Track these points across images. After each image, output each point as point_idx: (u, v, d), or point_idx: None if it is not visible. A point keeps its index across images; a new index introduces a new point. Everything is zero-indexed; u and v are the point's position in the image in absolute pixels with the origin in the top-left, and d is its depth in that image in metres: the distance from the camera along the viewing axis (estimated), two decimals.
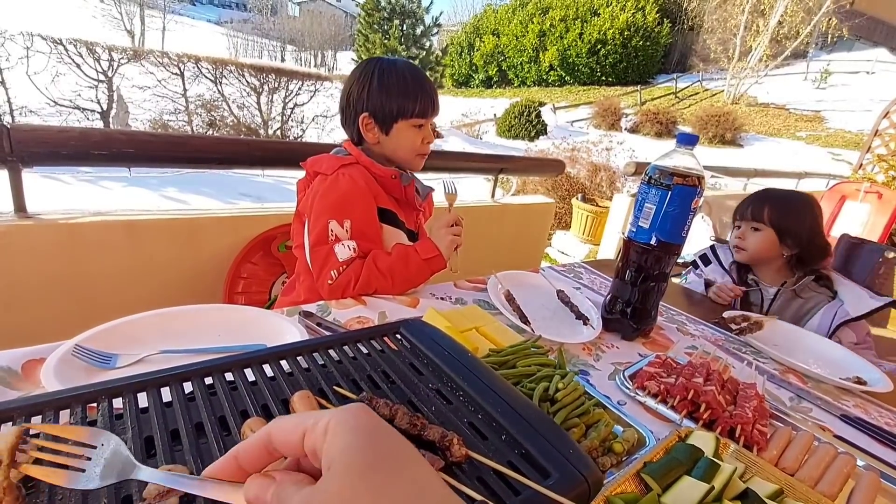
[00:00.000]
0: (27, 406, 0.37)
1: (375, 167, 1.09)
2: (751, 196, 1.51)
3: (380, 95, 1.06)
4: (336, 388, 0.46)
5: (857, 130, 16.27)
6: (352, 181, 1.05)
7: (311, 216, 1.05)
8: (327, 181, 1.05)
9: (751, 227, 1.45)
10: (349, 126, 1.13)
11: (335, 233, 1.02)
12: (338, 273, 1.00)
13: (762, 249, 1.44)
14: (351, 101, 1.09)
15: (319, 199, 1.05)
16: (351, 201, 1.04)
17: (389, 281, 1.00)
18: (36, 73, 7.41)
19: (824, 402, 0.84)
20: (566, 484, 0.38)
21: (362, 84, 1.07)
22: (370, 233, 1.06)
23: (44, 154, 1.46)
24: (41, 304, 1.49)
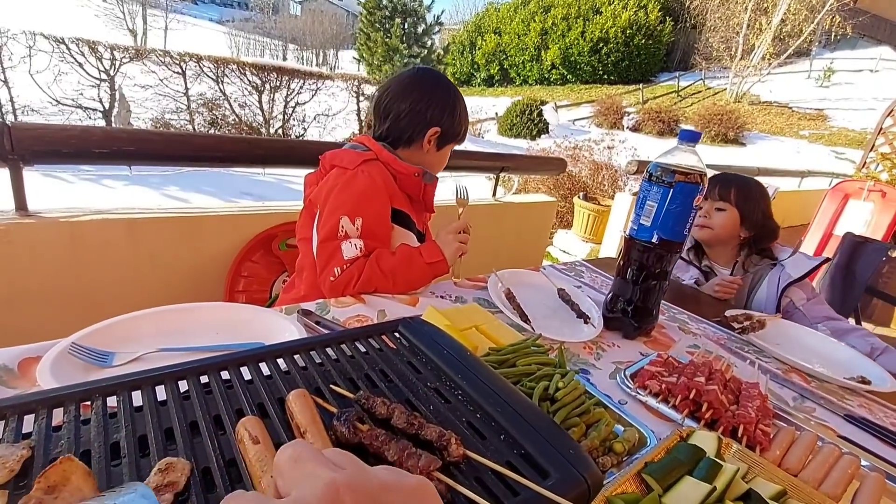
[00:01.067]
0: (20, 404, 0.37)
1: (397, 163, 1.11)
2: (714, 177, 1.53)
3: (453, 118, 1.15)
4: (333, 387, 0.45)
5: (860, 129, 16.20)
6: (370, 179, 1.05)
7: (325, 210, 1.05)
8: (346, 176, 1.06)
9: (715, 206, 1.48)
10: (394, 125, 1.14)
11: (345, 230, 1.02)
12: (341, 270, 1.00)
13: (726, 228, 1.48)
14: (421, 110, 1.12)
15: (336, 194, 1.05)
16: (366, 200, 1.05)
17: (390, 281, 1.00)
18: (38, 71, 7.43)
19: (828, 402, 0.84)
20: (566, 484, 0.38)
21: (444, 103, 1.13)
22: (380, 233, 1.07)
23: (45, 152, 1.46)
24: (42, 302, 1.49)
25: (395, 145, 1.15)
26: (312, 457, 0.25)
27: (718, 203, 1.48)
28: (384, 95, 1.15)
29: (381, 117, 1.16)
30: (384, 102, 1.15)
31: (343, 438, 0.38)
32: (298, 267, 1.24)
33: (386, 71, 11.85)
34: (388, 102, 1.14)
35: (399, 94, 1.13)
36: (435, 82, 1.15)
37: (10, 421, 0.36)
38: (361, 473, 0.25)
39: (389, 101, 1.14)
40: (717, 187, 1.49)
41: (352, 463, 0.26)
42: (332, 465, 0.25)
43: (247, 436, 0.35)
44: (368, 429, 0.39)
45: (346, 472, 0.24)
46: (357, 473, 0.24)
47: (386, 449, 0.37)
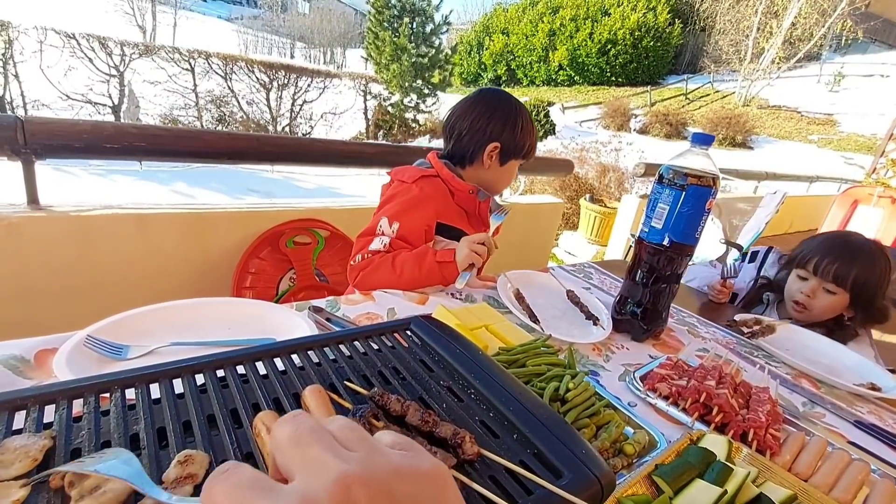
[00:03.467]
0: (42, 395, 0.37)
1: (455, 181, 1.16)
2: (832, 247, 1.24)
3: (514, 134, 1.16)
4: (347, 384, 0.46)
5: (870, 134, 16.08)
6: (420, 192, 1.13)
7: (377, 212, 1.15)
8: (402, 187, 1.15)
9: (824, 286, 1.22)
10: (457, 143, 1.19)
11: (382, 229, 1.10)
12: (362, 258, 1.08)
13: (827, 314, 1.24)
14: (481, 127, 1.15)
15: (387, 200, 1.15)
16: (409, 210, 1.11)
17: (396, 274, 1.02)
18: (49, 66, 7.50)
19: (837, 408, 0.83)
20: (579, 484, 0.38)
21: (504, 118, 1.16)
22: (412, 241, 1.11)
23: (57, 147, 1.47)
24: (52, 294, 1.51)
25: (459, 163, 1.19)
26: (317, 438, 0.23)
27: (829, 285, 1.21)
28: (451, 116, 1.21)
29: (447, 137, 1.22)
30: (450, 122, 1.21)
31: None
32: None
33: (393, 70, 11.86)
34: (453, 122, 1.19)
35: (462, 114, 1.18)
36: (496, 99, 1.18)
37: (31, 411, 0.37)
38: (372, 460, 0.23)
39: (454, 121, 1.19)
40: (835, 265, 1.20)
41: (360, 442, 0.24)
42: (338, 450, 0.23)
43: (264, 430, 0.35)
44: (383, 425, 0.39)
45: (357, 460, 0.22)
46: (368, 460, 0.23)
47: None
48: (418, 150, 2.52)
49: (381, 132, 12.10)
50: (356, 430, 0.25)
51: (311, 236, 1.96)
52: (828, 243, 1.27)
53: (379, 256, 1.06)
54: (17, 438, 0.33)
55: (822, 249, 1.25)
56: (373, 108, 11.98)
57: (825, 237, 1.30)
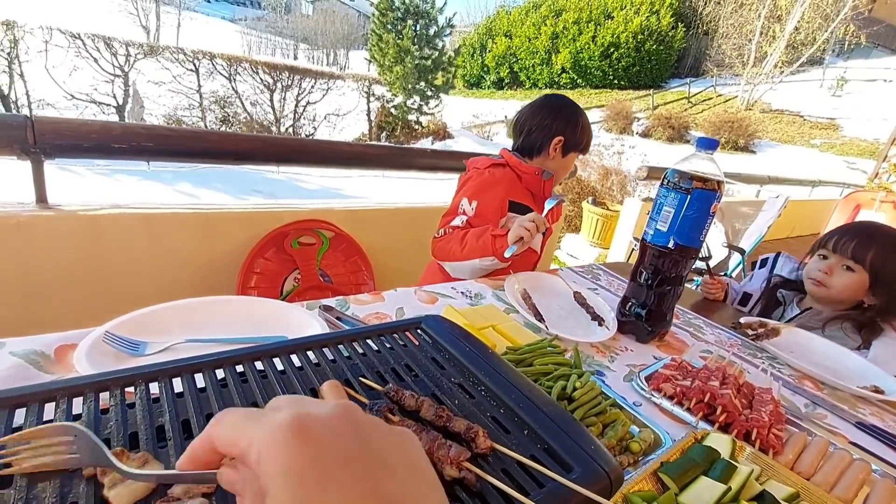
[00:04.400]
0: (70, 387, 0.39)
1: (522, 166, 1.36)
2: (852, 227, 1.27)
3: (575, 130, 1.36)
4: (362, 379, 0.47)
5: (872, 139, 16.07)
6: (492, 177, 1.34)
7: (457, 195, 1.38)
8: (476, 173, 1.37)
9: (843, 264, 1.22)
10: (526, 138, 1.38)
11: (463, 207, 1.31)
12: (444, 232, 1.31)
13: (846, 292, 1.23)
14: (548, 124, 1.35)
15: (466, 184, 1.36)
16: (485, 190, 1.32)
17: (461, 246, 1.23)
18: (54, 66, 7.53)
19: (839, 410, 0.84)
20: (588, 478, 0.39)
21: (567, 117, 1.36)
22: (489, 218, 1.29)
23: (66, 146, 1.49)
24: (59, 292, 1.52)
25: (527, 155, 1.39)
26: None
27: (848, 261, 1.21)
28: (520, 117, 1.41)
29: (517, 133, 1.41)
30: (519, 122, 1.41)
31: None
32: None
33: (397, 72, 11.89)
34: (522, 121, 1.39)
35: (531, 113, 1.38)
36: (560, 101, 1.40)
37: (60, 402, 0.38)
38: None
39: (523, 120, 1.39)
40: (853, 242, 1.21)
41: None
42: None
43: None
44: (400, 420, 0.40)
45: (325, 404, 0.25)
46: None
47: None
48: (421, 151, 2.54)
49: (384, 134, 12.12)
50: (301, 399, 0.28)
51: (316, 237, 1.97)
52: (850, 226, 1.30)
53: (456, 231, 1.28)
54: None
55: (842, 230, 1.27)
56: (376, 109, 12.00)
57: (850, 223, 1.32)
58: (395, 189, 6.10)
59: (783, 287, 1.41)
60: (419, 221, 2.38)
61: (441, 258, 1.31)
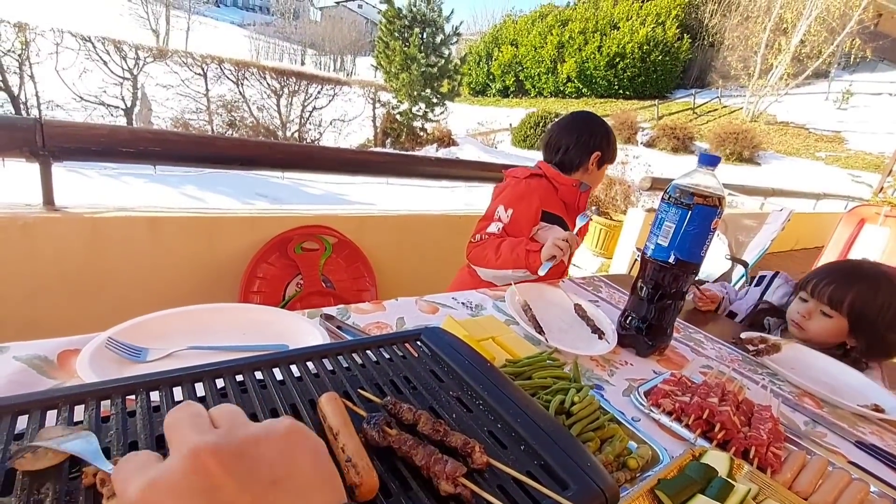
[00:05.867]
0: (72, 395, 0.39)
1: (560, 177, 1.44)
2: (832, 269, 1.24)
3: (608, 144, 1.47)
4: (361, 392, 0.47)
5: (878, 153, 16.04)
6: (528, 187, 1.41)
7: (493, 202, 1.45)
8: (514, 181, 1.45)
9: (821, 309, 1.20)
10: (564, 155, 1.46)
11: (499, 214, 1.38)
12: (480, 237, 1.37)
13: (824, 338, 1.21)
14: (586, 141, 1.44)
15: (504, 192, 1.43)
16: (521, 200, 1.39)
17: (496, 255, 1.29)
18: (64, 68, 7.61)
19: (839, 428, 0.84)
20: (584, 496, 0.39)
21: (601, 133, 1.46)
22: (524, 226, 1.37)
23: (74, 149, 1.51)
24: (63, 294, 1.53)
25: (566, 171, 1.46)
26: (190, 421, 0.26)
27: (824, 307, 1.18)
28: (553, 135, 1.49)
29: (553, 150, 1.48)
30: (553, 139, 1.49)
31: (373, 441, 0.40)
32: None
33: (403, 79, 11.97)
34: (557, 139, 1.47)
35: (566, 131, 1.46)
36: (591, 119, 1.50)
37: (62, 410, 0.38)
38: (230, 432, 0.25)
39: (558, 138, 1.47)
40: (831, 286, 1.17)
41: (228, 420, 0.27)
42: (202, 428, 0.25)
43: None
44: (397, 433, 0.41)
45: (216, 434, 0.25)
46: (226, 433, 0.25)
47: (414, 453, 0.39)
48: (426, 159, 2.55)
49: (389, 140, 12.18)
50: (232, 413, 0.28)
51: (319, 243, 1.98)
52: (831, 266, 1.26)
53: (492, 237, 1.34)
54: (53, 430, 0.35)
55: (823, 272, 1.24)
56: (381, 115, 12.07)
57: (833, 263, 1.29)
58: (399, 196, 6.11)
59: (769, 314, 1.38)
60: (422, 229, 2.38)
61: (475, 263, 1.38)
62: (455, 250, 2.37)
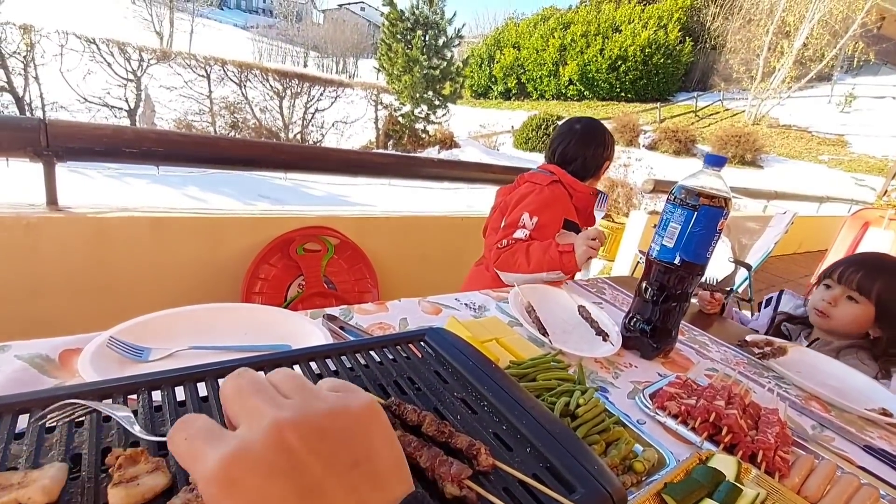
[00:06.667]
0: (73, 394, 0.39)
1: (578, 185, 1.47)
2: (859, 258, 1.24)
3: (613, 150, 1.57)
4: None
5: (881, 156, 16.00)
6: (553, 195, 1.41)
7: (515, 209, 1.41)
8: (536, 188, 1.43)
9: (848, 295, 1.19)
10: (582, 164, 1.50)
11: (524, 221, 1.36)
12: (507, 242, 1.35)
13: (850, 325, 1.20)
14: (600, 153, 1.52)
15: (528, 199, 1.40)
16: (547, 208, 1.39)
17: (527, 260, 1.28)
18: (69, 70, 7.65)
19: (847, 432, 0.83)
20: (591, 499, 0.38)
21: (608, 142, 1.54)
22: (547, 234, 1.35)
23: (78, 149, 1.51)
24: (67, 294, 1.53)
25: (581, 178, 1.50)
26: (257, 389, 0.25)
27: (852, 293, 1.19)
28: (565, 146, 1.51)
29: (565, 161, 1.51)
30: (565, 150, 1.51)
31: None
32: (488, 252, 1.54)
33: (405, 81, 11.99)
34: (571, 150, 1.50)
35: (579, 144, 1.49)
36: (596, 128, 1.54)
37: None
38: (307, 404, 0.24)
39: (571, 149, 1.50)
40: (860, 273, 1.18)
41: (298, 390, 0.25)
42: (276, 398, 0.24)
43: None
44: (401, 434, 0.40)
45: (290, 405, 0.24)
46: (302, 405, 0.24)
47: (418, 455, 0.38)
48: (428, 160, 2.55)
49: (391, 142, 12.20)
50: (296, 379, 0.27)
51: (321, 244, 1.98)
52: (858, 256, 1.27)
53: (519, 243, 1.32)
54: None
55: (850, 261, 1.24)
56: (383, 117, 12.09)
57: (860, 253, 1.31)
58: (401, 197, 6.11)
59: (788, 322, 1.39)
60: (424, 230, 2.38)
61: (503, 269, 1.35)
62: (457, 251, 2.37)
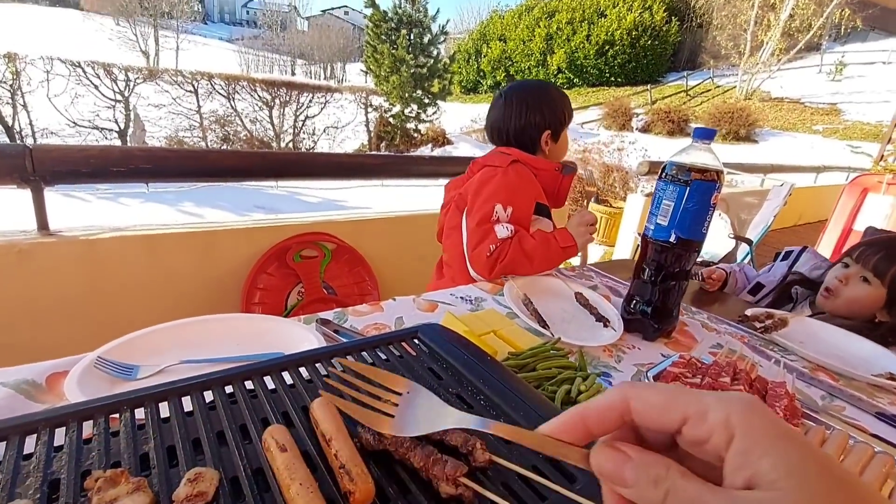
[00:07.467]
0: (52, 418, 0.38)
1: (540, 162, 1.27)
2: (880, 239, 1.22)
3: (554, 112, 1.29)
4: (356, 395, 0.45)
5: (875, 122, 15.93)
6: (519, 177, 1.22)
7: (479, 200, 1.21)
8: (497, 172, 1.22)
9: (862, 275, 1.17)
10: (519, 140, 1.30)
11: (498, 215, 1.18)
12: (495, 247, 1.14)
13: (858, 305, 1.18)
14: (528, 124, 1.28)
15: (491, 187, 1.20)
16: (519, 192, 1.21)
17: (529, 261, 1.15)
18: (56, 95, 7.65)
19: (857, 400, 0.81)
20: (593, 488, 0.37)
21: (541, 106, 1.28)
22: (525, 222, 1.22)
23: (65, 173, 1.50)
24: (63, 318, 1.52)
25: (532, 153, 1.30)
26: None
27: (867, 273, 1.17)
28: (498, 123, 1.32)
29: (503, 141, 1.32)
30: (498, 128, 1.32)
31: (368, 445, 0.38)
32: (448, 258, 1.37)
33: (393, 82, 11.97)
34: (502, 127, 1.31)
35: (507, 116, 1.29)
36: (523, 92, 1.30)
37: (42, 434, 0.37)
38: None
39: (503, 125, 1.31)
40: (877, 255, 1.16)
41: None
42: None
43: (274, 444, 0.35)
44: (392, 436, 0.39)
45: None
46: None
47: (412, 455, 0.37)
48: (420, 158, 2.53)
49: (384, 143, 12.18)
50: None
51: (318, 249, 1.97)
52: (883, 238, 1.24)
53: (507, 244, 1.14)
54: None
55: (873, 241, 1.22)
56: (374, 120, 12.07)
57: (886, 235, 1.28)
58: (396, 196, 6.10)
59: (799, 284, 1.35)
60: (421, 228, 2.37)
61: (506, 274, 1.16)
62: None
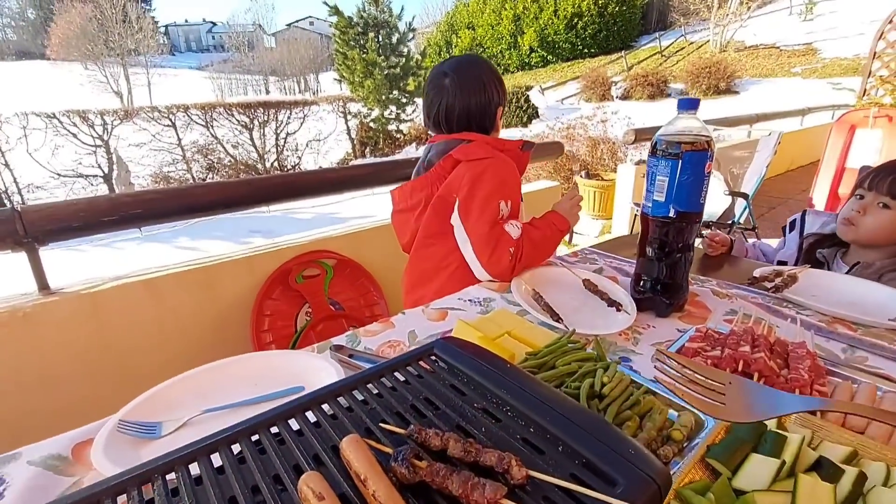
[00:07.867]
0: (84, 499, 0.37)
1: (506, 142, 1.21)
2: (889, 164, 1.19)
3: (501, 84, 1.23)
4: (382, 426, 0.45)
5: (853, 55, 15.87)
6: (507, 166, 1.14)
7: (475, 201, 1.10)
8: (487, 166, 1.11)
9: (879, 201, 1.14)
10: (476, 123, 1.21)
11: (503, 213, 1.12)
12: (515, 249, 1.09)
13: (881, 233, 1.15)
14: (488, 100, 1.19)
15: (487, 184, 1.10)
16: (509, 183, 1.14)
17: (540, 254, 1.14)
18: (36, 149, 7.62)
19: (879, 348, 0.81)
20: (635, 489, 0.37)
21: (490, 82, 1.19)
22: (518, 213, 1.19)
23: (57, 230, 1.49)
24: (76, 377, 1.52)
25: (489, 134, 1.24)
26: None
27: (884, 198, 1.14)
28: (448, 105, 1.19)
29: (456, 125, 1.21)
30: (448, 110, 1.19)
31: (404, 479, 0.38)
32: (434, 266, 1.26)
33: (368, 86, 11.91)
34: (456, 108, 1.18)
35: (461, 96, 1.18)
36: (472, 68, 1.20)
37: None
38: None
39: (455, 106, 1.18)
40: (889, 177, 1.13)
41: None
42: None
43: (310, 493, 0.35)
44: (427, 465, 0.38)
45: None
46: None
47: (449, 483, 0.37)
48: (406, 161, 2.52)
49: (368, 149, 12.15)
50: None
51: (319, 267, 1.96)
52: (889, 163, 1.21)
53: (521, 243, 1.11)
54: None
55: (879, 167, 1.20)
56: (355, 127, 12.03)
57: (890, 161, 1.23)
58: (387, 201, 6.09)
59: (820, 245, 1.31)
60: None
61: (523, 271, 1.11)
62: None
